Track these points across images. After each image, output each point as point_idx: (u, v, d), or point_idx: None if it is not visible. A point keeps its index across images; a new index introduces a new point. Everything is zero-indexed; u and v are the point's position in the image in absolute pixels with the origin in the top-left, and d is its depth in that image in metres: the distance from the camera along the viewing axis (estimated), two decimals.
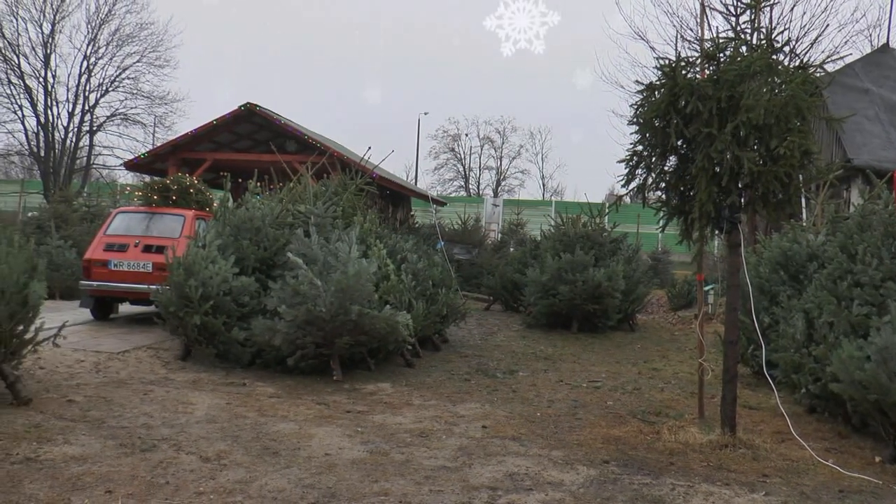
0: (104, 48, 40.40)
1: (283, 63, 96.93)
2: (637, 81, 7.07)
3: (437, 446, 6.30)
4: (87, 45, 40.07)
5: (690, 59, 6.60)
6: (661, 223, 7.19)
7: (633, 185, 6.98)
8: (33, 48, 39.21)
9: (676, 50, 8.10)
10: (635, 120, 6.78)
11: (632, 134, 6.85)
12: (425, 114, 66.85)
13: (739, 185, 6.43)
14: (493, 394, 8.73)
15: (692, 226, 6.78)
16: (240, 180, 21.07)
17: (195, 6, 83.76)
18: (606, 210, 16.07)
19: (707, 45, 6.68)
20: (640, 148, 6.82)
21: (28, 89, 39.05)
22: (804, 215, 12.98)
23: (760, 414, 8.01)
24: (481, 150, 67.45)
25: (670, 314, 18.38)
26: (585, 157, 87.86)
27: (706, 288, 15.58)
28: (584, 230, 15.05)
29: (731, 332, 6.78)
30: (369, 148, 12.53)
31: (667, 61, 6.56)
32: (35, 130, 39.41)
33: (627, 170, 6.92)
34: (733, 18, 6.58)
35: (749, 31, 6.54)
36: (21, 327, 6.85)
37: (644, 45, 38.15)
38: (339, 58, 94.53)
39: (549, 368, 10.69)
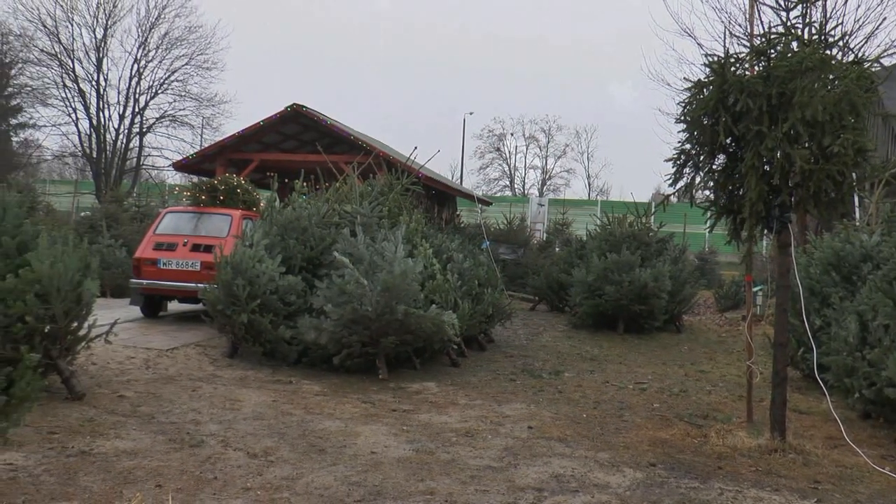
0: (154, 51, 41.17)
1: (329, 63, 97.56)
2: (685, 79, 6.99)
3: (482, 446, 6.29)
4: (138, 49, 40.88)
5: (740, 56, 6.49)
6: (709, 223, 7.09)
7: (680, 184, 6.89)
8: (87, 52, 40.12)
9: (725, 46, 8.01)
10: (683, 118, 6.70)
11: (679, 132, 6.77)
12: (470, 114, 66.90)
13: (790, 184, 6.31)
14: (538, 394, 8.69)
15: (741, 225, 6.67)
16: (286, 180, 21.23)
17: (243, 9, 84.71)
18: (653, 210, 15.90)
19: (757, 40, 6.58)
20: (687, 146, 6.74)
21: (81, 93, 39.99)
22: (857, 215, 12.71)
23: (811, 419, 7.86)
24: (526, 149, 67.43)
25: (717, 315, 18.13)
26: (631, 155, 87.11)
27: (755, 289, 15.32)
28: (631, 230, 14.91)
29: (780, 334, 6.66)
30: (415, 148, 12.57)
31: (715, 58, 6.46)
32: (87, 132, 40.35)
33: (675, 168, 6.84)
34: (784, 13, 6.47)
35: (801, 25, 6.42)
36: (75, 324, 6.99)
37: (691, 41, 37.69)
38: (383, 58, 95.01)
39: (595, 369, 10.62)
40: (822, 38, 6.29)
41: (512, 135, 66.80)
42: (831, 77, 6.14)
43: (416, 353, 9.53)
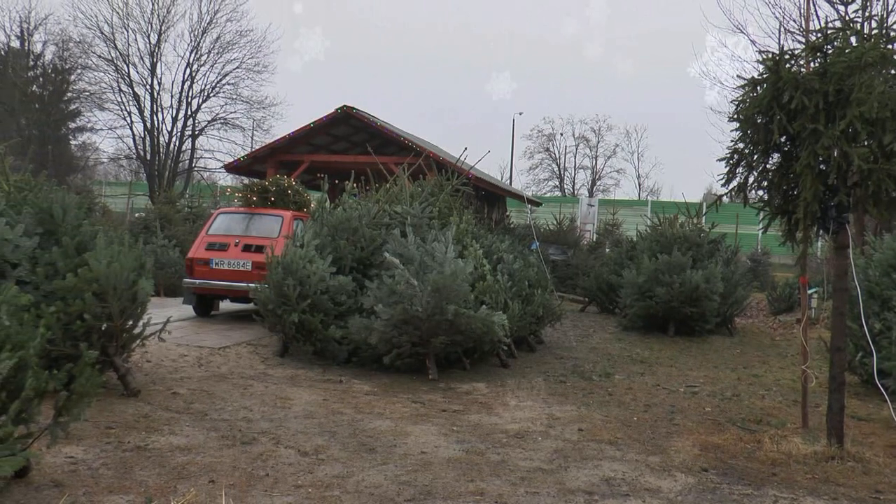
0: (206, 56, 41.76)
1: (379, 64, 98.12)
2: (738, 76, 6.89)
3: (532, 447, 6.26)
4: (190, 53, 41.50)
5: (795, 52, 6.36)
6: (763, 224, 6.96)
7: (733, 183, 6.79)
8: (141, 58, 40.86)
9: (779, 42, 7.86)
10: (736, 116, 6.59)
11: (732, 131, 6.66)
12: (520, 114, 66.80)
13: (848, 184, 6.16)
14: (588, 396, 8.62)
15: (796, 226, 6.53)
16: (336, 181, 21.42)
17: (292, 14, 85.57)
18: (704, 210, 15.67)
19: (813, 36, 6.45)
20: (740, 145, 6.63)
21: (136, 97, 40.77)
22: None
23: (870, 426, 7.67)
24: (576, 149, 66.87)
25: (770, 318, 17.83)
26: (682, 155, 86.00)
27: (809, 291, 15.04)
28: (682, 231, 14.75)
29: (837, 337, 6.51)
30: (465, 149, 12.55)
31: (769, 54, 6.34)
32: (142, 135, 41.07)
33: (727, 168, 6.73)
34: (842, 7, 6.34)
35: (860, 19, 6.27)
36: (131, 322, 7.13)
37: (744, 38, 37.09)
38: (435, 58, 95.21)
39: (646, 372, 10.50)
40: (884, 32, 6.13)
41: (561, 135, 66.52)
42: (893, 73, 5.99)
43: (466, 354, 9.52)
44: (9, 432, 4.11)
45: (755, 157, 6.58)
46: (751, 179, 6.70)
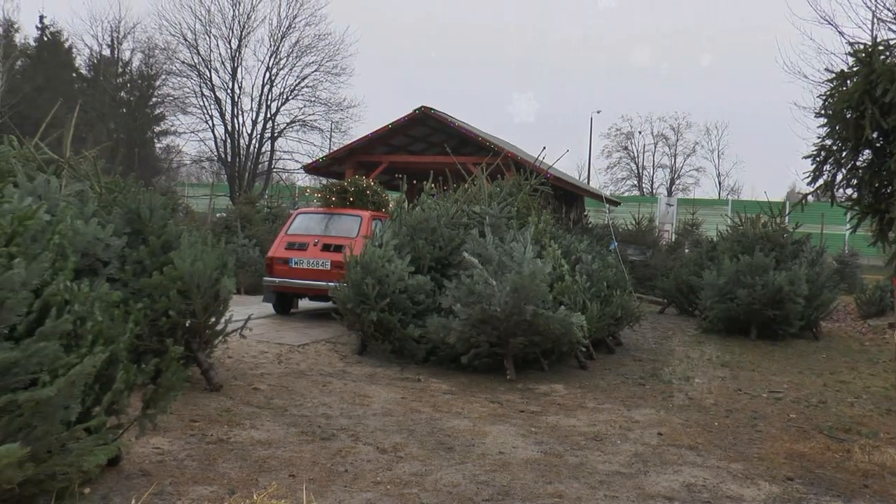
0: (285, 59, 42.57)
1: (452, 65, 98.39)
2: (827, 69, 6.69)
3: (611, 451, 6.17)
4: (270, 58, 42.34)
5: (890, 43, 6.12)
6: (852, 223, 6.73)
7: (819, 182, 6.58)
8: (223, 62, 41.94)
9: (872, 33, 7.58)
10: (823, 112, 6.39)
11: (819, 127, 6.46)
12: (598, 112, 65.96)
13: None
14: (668, 400, 8.46)
15: (889, 225, 6.29)
16: (414, 182, 21.54)
17: (370, 16, 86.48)
18: (788, 209, 15.24)
19: None
20: (828, 142, 6.42)
21: (218, 101, 41.87)
22: None
23: None
24: (655, 147, 65.89)
25: (859, 322, 17.20)
26: (764, 152, 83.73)
27: None
28: (764, 231, 14.35)
29: None
30: (544, 148, 12.50)
31: (861, 46, 6.12)
32: (223, 138, 42.14)
33: (814, 166, 6.52)
34: None
35: None
36: (213, 319, 7.28)
37: (831, 29, 35.91)
38: (509, 57, 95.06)
39: (727, 376, 10.25)
40: None
41: (640, 133, 65.52)
42: None
43: (544, 355, 9.45)
44: (102, 422, 4.25)
45: (844, 153, 6.37)
46: (839, 177, 6.49)
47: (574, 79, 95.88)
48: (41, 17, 44.15)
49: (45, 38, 44.17)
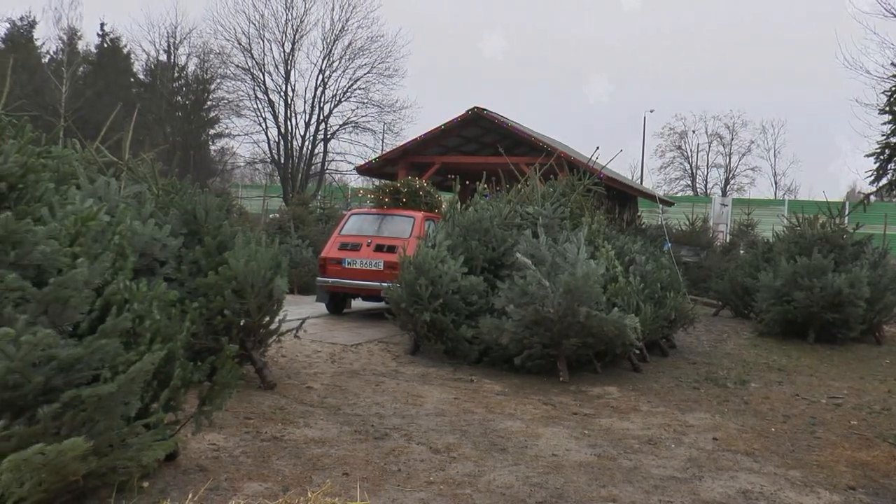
0: (337, 62, 42.75)
1: (506, 66, 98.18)
2: (892, 64, 6.50)
3: (665, 455, 6.07)
4: (322, 60, 42.60)
5: None
6: None
7: (883, 180, 6.44)
8: (276, 66, 42.34)
9: None
10: (888, 108, 6.22)
11: (883, 124, 6.32)
12: (651, 111, 65.25)
13: None
14: (723, 404, 8.31)
15: None
16: (467, 182, 21.51)
17: (421, 18, 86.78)
18: (848, 210, 14.87)
19: None
20: (893, 139, 6.25)
21: (271, 103, 42.29)
22: None
23: None
24: (709, 147, 64.78)
25: None
26: (823, 151, 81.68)
27: None
28: (823, 231, 13.98)
29: None
30: (597, 148, 12.40)
31: None
32: (276, 140, 42.56)
33: (877, 164, 6.39)
34: None
35: None
36: (267, 318, 7.34)
37: None
38: (561, 58, 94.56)
39: (784, 381, 10.04)
40: None
41: (694, 132, 64.45)
42: None
43: (597, 357, 9.36)
44: (160, 418, 4.32)
45: None
46: None
47: (627, 77, 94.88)
48: (102, 25, 45.40)
49: (106, 45, 45.29)
